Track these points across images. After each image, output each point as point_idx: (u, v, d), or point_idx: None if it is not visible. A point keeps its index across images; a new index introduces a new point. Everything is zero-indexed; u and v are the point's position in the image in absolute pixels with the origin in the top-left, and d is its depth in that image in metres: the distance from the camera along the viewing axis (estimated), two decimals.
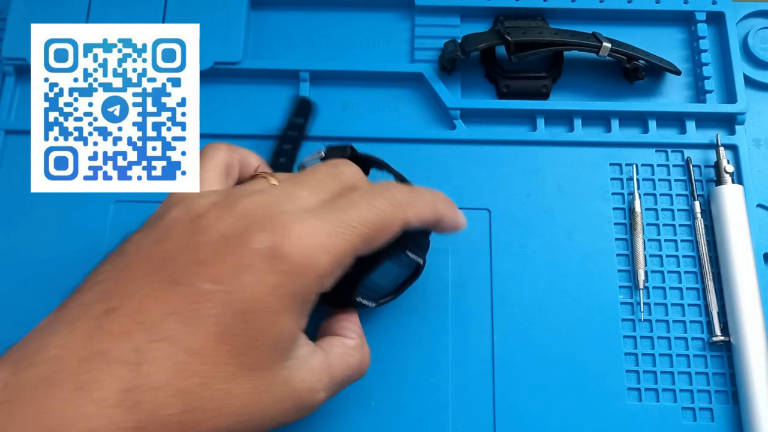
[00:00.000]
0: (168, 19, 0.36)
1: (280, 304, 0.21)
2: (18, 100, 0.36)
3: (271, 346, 0.22)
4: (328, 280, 0.23)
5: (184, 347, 0.20)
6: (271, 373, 0.22)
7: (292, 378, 0.22)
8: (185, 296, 0.21)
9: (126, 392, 0.19)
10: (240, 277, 0.21)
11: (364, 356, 0.26)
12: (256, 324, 0.21)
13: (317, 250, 0.22)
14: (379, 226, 0.23)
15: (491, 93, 0.37)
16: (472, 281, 0.32)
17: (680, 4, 0.37)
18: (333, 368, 0.25)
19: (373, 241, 0.23)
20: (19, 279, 0.32)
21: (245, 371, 0.21)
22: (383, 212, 0.24)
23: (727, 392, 0.31)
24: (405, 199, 0.25)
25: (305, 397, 0.23)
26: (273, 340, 0.22)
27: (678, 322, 0.32)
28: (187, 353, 0.20)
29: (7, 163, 0.35)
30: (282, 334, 0.22)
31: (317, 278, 0.22)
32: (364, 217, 0.23)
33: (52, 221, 0.33)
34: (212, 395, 0.20)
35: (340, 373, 0.25)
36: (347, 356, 0.26)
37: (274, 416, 0.22)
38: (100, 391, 0.19)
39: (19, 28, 0.36)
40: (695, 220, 0.33)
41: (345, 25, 0.38)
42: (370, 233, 0.23)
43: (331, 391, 0.25)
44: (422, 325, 0.32)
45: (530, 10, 0.37)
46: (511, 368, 0.31)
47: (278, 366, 0.22)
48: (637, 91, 0.37)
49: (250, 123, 0.36)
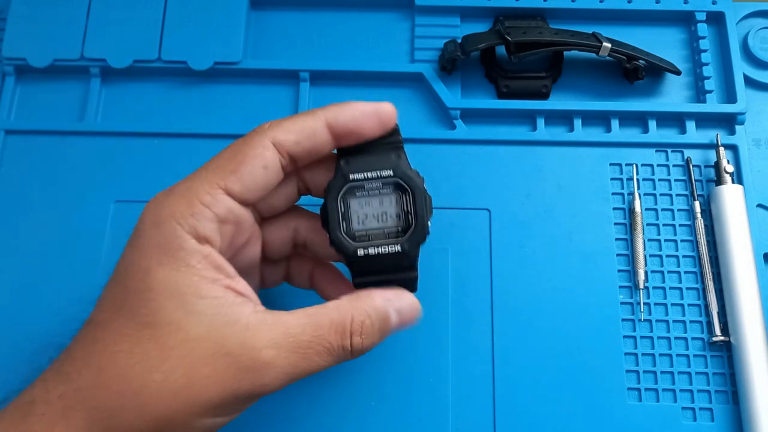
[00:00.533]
0: (168, 19, 0.36)
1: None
2: (18, 100, 0.36)
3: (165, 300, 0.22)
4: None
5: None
6: (179, 329, 0.22)
7: (210, 333, 0.22)
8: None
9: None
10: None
11: (342, 316, 0.24)
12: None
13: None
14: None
15: (491, 93, 0.37)
16: (472, 281, 0.32)
17: (680, 4, 0.37)
18: (287, 326, 0.23)
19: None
20: (19, 279, 0.32)
21: (145, 330, 0.22)
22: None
23: (727, 392, 0.31)
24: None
25: (239, 354, 0.22)
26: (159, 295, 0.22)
27: (678, 322, 0.32)
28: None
29: (7, 163, 0.35)
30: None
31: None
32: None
33: (52, 221, 0.33)
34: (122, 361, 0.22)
35: (300, 330, 0.23)
36: (316, 315, 0.23)
37: (210, 379, 0.21)
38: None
39: (19, 28, 0.36)
40: (695, 220, 0.33)
41: (345, 25, 0.38)
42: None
43: (290, 353, 0.23)
44: (422, 325, 0.31)
45: (530, 10, 0.37)
46: (511, 368, 0.31)
47: (188, 321, 0.22)
48: (637, 91, 0.37)
49: (250, 123, 0.35)
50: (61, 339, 0.31)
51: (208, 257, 0.23)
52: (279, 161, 0.24)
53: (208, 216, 0.23)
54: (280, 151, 0.24)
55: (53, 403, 0.22)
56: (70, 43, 0.36)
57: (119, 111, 0.36)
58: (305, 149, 0.24)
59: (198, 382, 0.21)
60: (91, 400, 0.21)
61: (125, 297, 0.22)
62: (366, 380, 0.31)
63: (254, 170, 0.23)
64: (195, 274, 0.22)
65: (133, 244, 0.23)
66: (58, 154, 0.35)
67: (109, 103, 0.36)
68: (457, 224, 0.33)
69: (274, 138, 0.24)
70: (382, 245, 0.25)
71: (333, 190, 0.25)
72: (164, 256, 0.22)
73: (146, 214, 0.23)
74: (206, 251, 0.23)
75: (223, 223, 0.23)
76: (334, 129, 0.24)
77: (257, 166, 0.23)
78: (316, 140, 0.24)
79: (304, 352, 0.23)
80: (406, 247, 0.25)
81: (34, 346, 0.31)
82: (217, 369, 0.21)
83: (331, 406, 0.30)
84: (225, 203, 0.23)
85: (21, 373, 0.31)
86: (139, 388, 0.21)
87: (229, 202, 0.23)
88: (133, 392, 0.21)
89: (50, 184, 0.34)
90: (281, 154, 0.24)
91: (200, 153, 0.34)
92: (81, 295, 0.32)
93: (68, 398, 0.21)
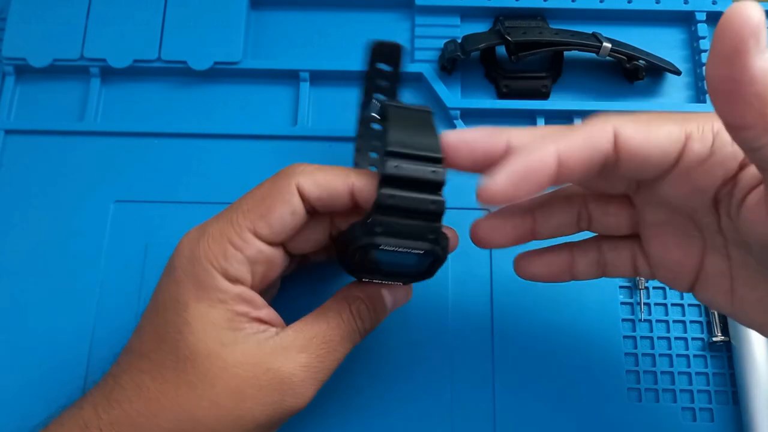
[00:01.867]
0: (168, 19, 0.36)
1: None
2: (18, 100, 0.36)
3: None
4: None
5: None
6: (218, 358, 0.24)
7: (246, 357, 0.24)
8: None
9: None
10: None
11: (349, 326, 0.26)
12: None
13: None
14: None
15: (491, 93, 0.37)
16: (472, 281, 0.32)
17: (680, 4, 0.37)
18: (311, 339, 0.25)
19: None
20: (18, 279, 0.32)
21: (187, 363, 0.24)
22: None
23: (727, 392, 0.31)
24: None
25: (277, 367, 0.24)
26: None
27: (678, 322, 0.32)
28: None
29: (7, 163, 0.35)
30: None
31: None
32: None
33: (52, 221, 0.33)
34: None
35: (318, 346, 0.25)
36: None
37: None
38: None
39: (19, 28, 0.36)
40: None
41: (345, 25, 0.38)
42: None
43: (318, 351, 0.25)
44: (422, 325, 0.32)
45: (530, 10, 0.37)
46: (511, 368, 0.31)
47: (225, 351, 0.24)
48: (637, 91, 0.37)
49: (250, 123, 0.36)
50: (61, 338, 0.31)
51: (241, 294, 0.25)
52: (305, 207, 0.25)
53: (239, 258, 0.24)
54: (303, 200, 0.25)
55: (106, 428, 0.23)
56: (70, 43, 0.36)
57: (119, 111, 0.36)
58: (325, 206, 0.25)
59: (244, 403, 0.24)
60: (144, 427, 0.23)
61: (166, 331, 0.24)
62: (366, 380, 0.31)
63: (283, 216, 0.25)
64: (228, 309, 0.24)
65: (171, 278, 0.25)
66: (58, 154, 0.35)
67: (109, 103, 0.36)
68: (457, 224, 0.33)
69: (299, 186, 0.25)
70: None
71: (354, 252, 0.24)
72: (200, 292, 0.24)
73: (182, 251, 0.25)
74: (238, 290, 0.25)
75: (254, 263, 0.25)
76: (355, 198, 0.25)
77: (285, 212, 0.25)
78: (336, 203, 0.25)
79: (328, 345, 0.25)
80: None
81: (32, 345, 0.31)
82: (261, 388, 0.24)
83: (330, 406, 0.30)
84: (255, 246, 0.25)
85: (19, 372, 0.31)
86: (190, 415, 0.23)
87: (259, 245, 0.25)
88: (186, 418, 0.23)
89: (50, 184, 0.34)
90: (304, 202, 0.25)
91: (200, 153, 0.35)
92: (81, 295, 0.32)
93: (120, 425, 0.23)
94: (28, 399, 0.30)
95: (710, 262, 0.24)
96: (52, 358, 0.31)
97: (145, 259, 0.33)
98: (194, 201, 0.34)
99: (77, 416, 0.24)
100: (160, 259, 0.32)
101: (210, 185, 0.34)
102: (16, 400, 0.30)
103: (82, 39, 0.36)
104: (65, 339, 0.31)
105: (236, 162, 0.35)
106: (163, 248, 0.32)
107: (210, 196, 0.34)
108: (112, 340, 0.31)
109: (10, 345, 0.31)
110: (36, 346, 0.31)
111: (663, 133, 0.21)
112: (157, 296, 0.25)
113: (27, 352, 0.31)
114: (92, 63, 0.36)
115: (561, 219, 0.26)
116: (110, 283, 0.32)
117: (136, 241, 0.33)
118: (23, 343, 0.31)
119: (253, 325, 0.25)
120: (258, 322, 0.25)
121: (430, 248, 0.24)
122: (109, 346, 0.31)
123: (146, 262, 0.33)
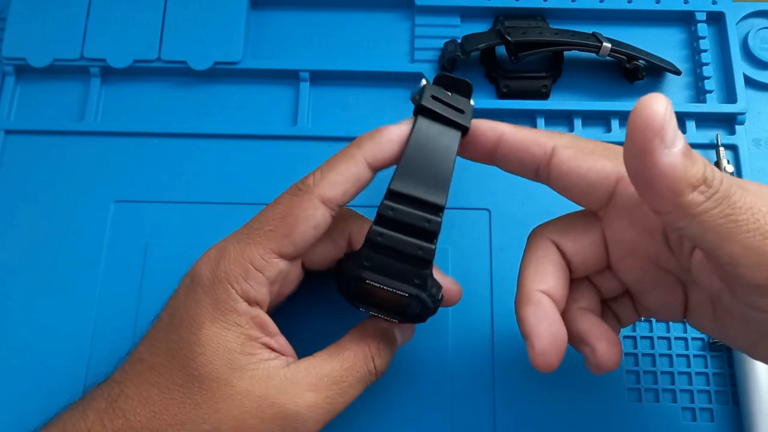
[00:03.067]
0: (168, 19, 0.36)
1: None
2: (18, 100, 0.36)
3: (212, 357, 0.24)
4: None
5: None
6: (226, 384, 0.24)
7: (254, 387, 0.24)
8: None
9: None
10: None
11: (360, 359, 0.26)
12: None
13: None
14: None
15: (491, 93, 0.37)
16: (472, 281, 0.32)
17: (680, 4, 0.37)
18: (326, 371, 0.25)
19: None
20: (19, 279, 0.32)
21: (195, 383, 0.24)
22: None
23: (727, 392, 0.31)
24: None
25: (283, 403, 0.24)
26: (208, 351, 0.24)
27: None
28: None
29: (7, 163, 0.35)
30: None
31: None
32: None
33: (52, 221, 0.33)
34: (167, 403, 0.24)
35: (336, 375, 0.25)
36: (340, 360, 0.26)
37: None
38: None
39: (19, 28, 0.36)
40: None
41: (345, 25, 0.38)
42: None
43: (328, 391, 0.25)
44: (422, 325, 0.32)
45: (530, 10, 0.37)
46: (511, 368, 0.31)
47: (233, 377, 0.24)
48: (637, 91, 0.37)
49: (250, 123, 0.36)
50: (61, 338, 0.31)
51: (255, 318, 0.24)
52: (329, 216, 0.25)
53: (260, 280, 0.24)
54: (330, 207, 0.25)
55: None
56: (70, 43, 0.36)
57: (119, 111, 0.36)
58: (354, 195, 0.25)
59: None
60: None
61: (179, 347, 0.24)
62: None
63: (306, 232, 0.25)
64: (242, 333, 0.24)
65: (190, 295, 0.25)
66: (58, 154, 0.35)
67: (109, 103, 0.36)
68: (457, 224, 0.33)
69: (322, 196, 0.25)
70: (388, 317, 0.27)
71: (345, 282, 0.25)
72: (217, 313, 0.24)
73: (203, 269, 0.25)
74: (255, 312, 0.24)
75: (272, 283, 0.25)
76: (374, 166, 0.25)
77: (309, 228, 0.25)
78: (362, 183, 0.25)
79: (339, 386, 0.25)
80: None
81: (32, 345, 0.31)
82: (264, 420, 0.23)
83: None
84: (277, 266, 0.25)
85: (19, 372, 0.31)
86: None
87: (280, 264, 0.25)
88: None
89: (50, 184, 0.34)
90: (331, 209, 0.25)
91: (200, 153, 0.35)
92: (81, 295, 0.32)
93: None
94: (27, 399, 0.30)
95: (692, 296, 0.25)
96: (52, 358, 0.31)
97: (144, 259, 0.33)
98: (194, 201, 0.34)
99: (80, 421, 0.24)
100: (159, 259, 0.33)
101: (210, 185, 0.34)
102: (16, 400, 0.30)
103: (82, 39, 0.36)
104: (65, 339, 0.31)
105: (236, 162, 0.35)
106: (163, 248, 0.33)
107: (210, 196, 0.34)
108: (112, 340, 0.31)
109: (10, 345, 0.31)
110: (36, 346, 0.31)
111: (596, 167, 0.23)
112: (174, 311, 0.25)
113: (27, 352, 0.31)
114: (92, 63, 0.36)
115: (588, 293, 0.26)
116: (110, 283, 0.32)
117: (135, 241, 0.33)
118: (23, 343, 0.31)
119: (265, 351, 0.25)
120: (269, 350, 0.25)
121: (415, 293, 0.24)
122: (109, 346, 0.31)
123: (146, 262, 0.33)
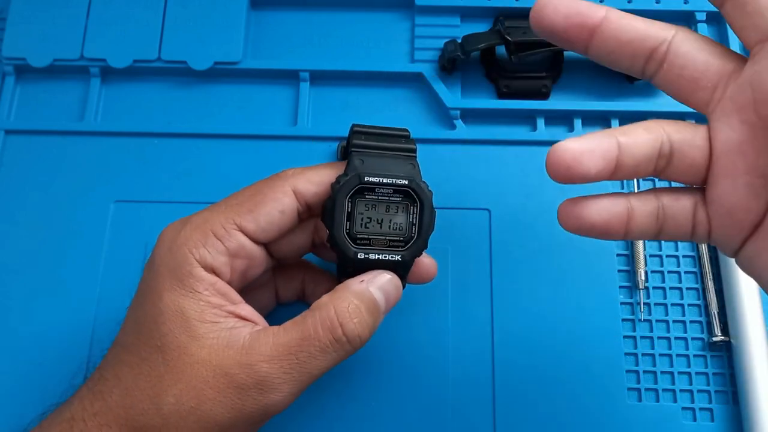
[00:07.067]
0: (168, 19, 0.36)
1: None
2: (18, 100, 0.36)
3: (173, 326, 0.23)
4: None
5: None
6: (185, 353, 0.23)
7: (211, 357, 0.23)
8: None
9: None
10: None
11: (329, 318, 0.24)
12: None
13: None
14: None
15: (491, 93, 0.37)
16: (472, 281, 0.32)
17: (680, 4, 0.37)
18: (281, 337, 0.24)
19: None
20: (19, 278, 0.32)
21: (159, 354, 0.23)
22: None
23: (727, 392, 0.31)
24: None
25: (236, 373, 0.23)
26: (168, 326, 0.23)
27: (678, 322, 0.32)
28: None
29: (7, 163, 0.35)
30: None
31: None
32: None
33: (52, 221, 0.33)
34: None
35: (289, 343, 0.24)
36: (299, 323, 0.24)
37: (206, 402, 0.23)
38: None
39: (19, 28, 0.36)
40: None
41: (345, 25, 0.38)
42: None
43: (283, 362, 0.23)
44: (422, 325, 0.32)
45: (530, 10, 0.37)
46: (511, 368, 0.31)
47: (192, 345, 0.23)
48: (637, 91, 0.37)
49: (250, 123, 0.36)
50: (61, 338, 0.31)
51: (214, 285, 0.24)
52: (296, 208, 0.25)
53: (219, 248, 0.24)
54: (299, 199, 0.25)
55: (90, 420, 0.23)
56: (70, 43, 0.36)
57: (119, 111, 0.36)
58: (321, 201, 0.26)
59: (204, 404, 0.23)
60: (122, 418, 0.23)
61: (144, 320, 0.24)
62: (365, 381, 0.31)
63: (271, 213, 0.25)
64: (201, 300, 0.24)
65: (150, 268, 0.25)
66: (58, 154, 0.35)
67: (109, 103, 0.36)
68: (457, 224, 0.33)
69: (294, 186, 0.25)
70: (383, 253, 0.25)
71: (344, 188, 0.25)
72: (175, 281, 0.24)
73: (163, 239, 0.25)
74: (213, 279, 0.24)
75: (234, 257, 0.25)
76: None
77: (274, 209, 0.25)
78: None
79: (296, 357, 0.23)
80: (406, 257, 0.25)
81: (32, 345, 0.31)
82: (220, 391, 0.23)
83: (330, 407, 0.30)
84: (237, 239, 0.25)
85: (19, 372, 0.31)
86: (158, 409, 0.23)
87: (241, 239, 0.25)
88: (154, 413, 0.23)
89: (50, 184, 0.34)
90: (299, 202, 0.25)
91: (200, 153, 0.35)
92: (81, 294, 0.32)
93: (103, 416, 0.23)
94: (27, 399, 0.30)
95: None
96: (52, 358, 0.31)
97: (144, 259, 0.32)
98: (194, 201, 0.34)
99: (65, 410, 0.24)
100: None
101: (210, 185, 0.34)
102: (15, 399, 0.30)
103: (82, 39, 0.36)
104: (65, 338, 0.31)
105: (236, 162, 0.35)
106: None
107: (210, 196, 0.33)
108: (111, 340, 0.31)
109: (9, 344, 0.31)
110: (36, 346, 0.31)
111: (716, 53, 0.25)
112: (139, 287, 0.25)
113: (27, 351, 0.31)
114: (92, 63, 0.36)
115: (644, 150, 0.23)
116: (110, 283, 0.32)
117: (136, 241, 0.33)
118: (23, 343, 0.31)
119: (229, 320, 0.24)
120: (234, 317, 0.24)
121: (411, 176, 0.25)
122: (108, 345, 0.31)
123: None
